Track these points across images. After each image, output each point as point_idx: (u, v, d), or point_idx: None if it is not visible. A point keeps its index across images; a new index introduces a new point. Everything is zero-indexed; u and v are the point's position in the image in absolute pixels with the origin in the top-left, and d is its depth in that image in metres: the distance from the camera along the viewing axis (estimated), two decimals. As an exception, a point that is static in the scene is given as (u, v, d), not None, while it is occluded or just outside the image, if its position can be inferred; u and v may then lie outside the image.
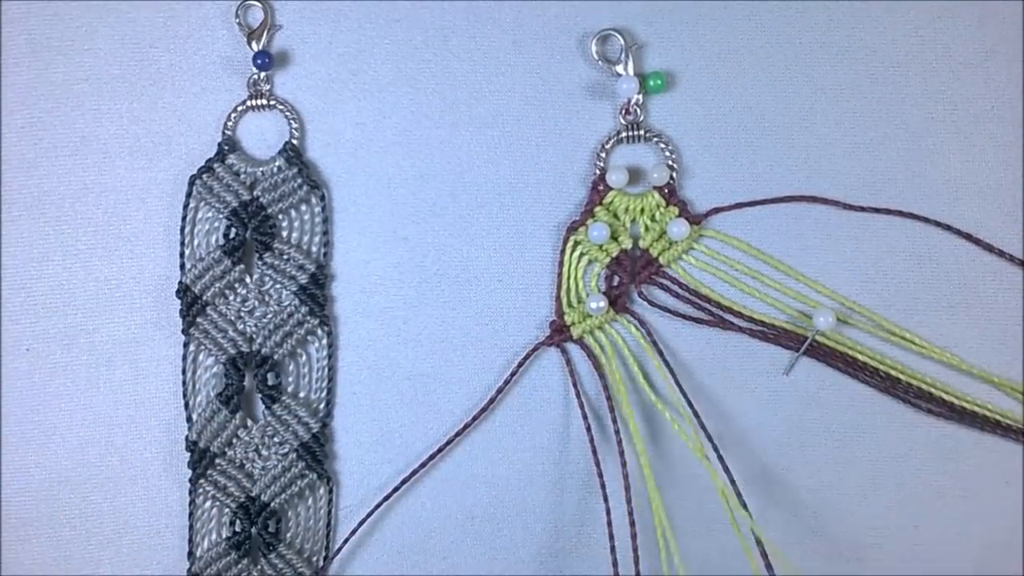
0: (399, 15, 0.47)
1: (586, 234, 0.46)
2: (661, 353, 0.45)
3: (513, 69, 0.47)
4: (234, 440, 0.46)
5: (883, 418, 0.46)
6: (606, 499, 0.44)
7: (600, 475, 0.45)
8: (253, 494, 0.46)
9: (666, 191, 0.46)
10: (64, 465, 0.47)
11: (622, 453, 0.44)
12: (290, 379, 0.47)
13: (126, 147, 0.48)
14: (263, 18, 0.47)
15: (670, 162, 0.46)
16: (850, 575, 0.46)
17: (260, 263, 0.47)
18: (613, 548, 0.44)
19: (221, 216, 0.47)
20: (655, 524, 0.44)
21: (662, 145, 0.46)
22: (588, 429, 0.45)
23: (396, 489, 0.46)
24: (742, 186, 0.47)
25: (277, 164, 0.47)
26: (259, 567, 0.46)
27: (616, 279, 0.47)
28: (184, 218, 0.47)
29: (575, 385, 0.46)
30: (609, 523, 0.44)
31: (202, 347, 0.47)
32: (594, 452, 0.45)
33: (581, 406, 0.45)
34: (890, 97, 0.47)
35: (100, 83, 0.48)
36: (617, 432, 0.45)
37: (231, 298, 0.47)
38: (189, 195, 0.47)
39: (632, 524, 0.44)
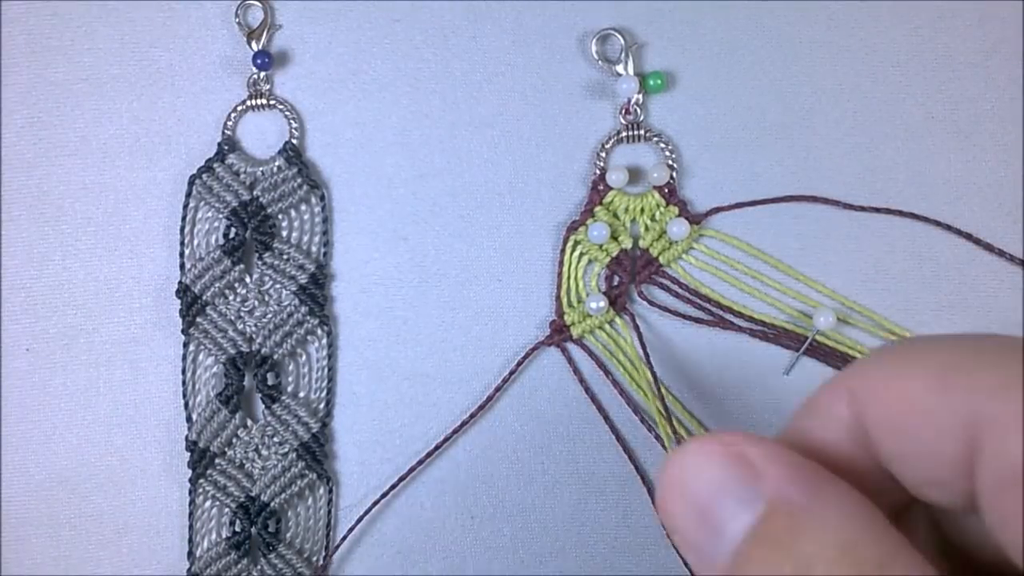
0: (399, 15, 0.47)
1: (586, 234, 0.46)
2: (647, 355, 0.45)
3: (513, 69, 0.47)
4: (234, 440, 0.46)
5: (883, 418, 0.46)
6: (650, 492, 0.45)
7: (637, 470, 0.45)
8: (253, 494, 0.46)
9: (666, 191, 0.46)
10: (64, 465, 0.47)
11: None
12: (290, 379, 0.47)
13: (126, 147, 0.48)
14: (263, 18, 0.47)
15: (670, 162, 0.46)
16: (850, 575, 0.46)
17: (260, 263, 0.47)
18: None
19: (221, 216, 0.47)
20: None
21: (662, 145, 0.46)
22: (612, 428, 0.45)
23: (394, 487, 0.46)
24: (742, 186, 0.47)
25: (277, 164, 0.47)
26: (259, 567, 0.46)
27: (616, 279, 0.47)
28: (184, 218, 0.47)
29: (582, 382, 0.46)
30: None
31: (202, 347, 0.47)
32: (625, 449, 0.45)
33: (595, 402, 0.46)
34: (890, 97, 0.47)
35: (100, 83, 0.48)
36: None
37: (231, 298, 0.47)
38: (189, 195, 0.47)
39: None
